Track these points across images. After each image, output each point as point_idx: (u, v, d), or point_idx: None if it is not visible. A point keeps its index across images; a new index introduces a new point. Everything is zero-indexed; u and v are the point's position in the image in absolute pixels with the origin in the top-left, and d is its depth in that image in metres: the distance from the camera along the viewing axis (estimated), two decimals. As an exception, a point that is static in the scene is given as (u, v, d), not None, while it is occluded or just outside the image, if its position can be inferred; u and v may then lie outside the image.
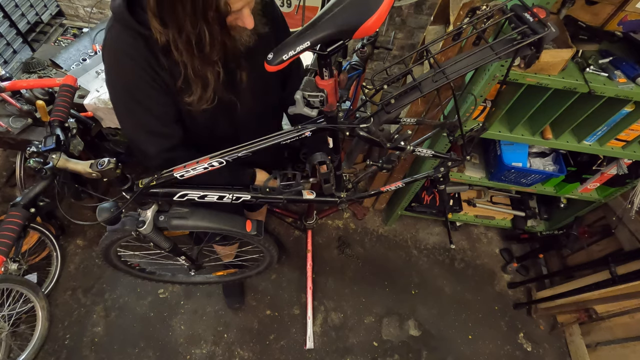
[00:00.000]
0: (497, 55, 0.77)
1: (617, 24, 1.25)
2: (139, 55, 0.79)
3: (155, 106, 0.87)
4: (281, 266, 2.14)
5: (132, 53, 0.79)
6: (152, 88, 0.83)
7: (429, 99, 1.59)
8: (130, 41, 0.78)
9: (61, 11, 2.23)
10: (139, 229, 1.05)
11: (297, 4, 1.91)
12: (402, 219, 2.40)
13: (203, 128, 0.99)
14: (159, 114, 0.89)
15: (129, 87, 0.84)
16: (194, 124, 0.97)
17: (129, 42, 0.78)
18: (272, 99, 1.09)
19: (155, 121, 0.89)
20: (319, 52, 0.68)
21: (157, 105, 0.87)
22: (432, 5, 2.12)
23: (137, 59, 0.79)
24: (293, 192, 1.09)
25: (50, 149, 0.91)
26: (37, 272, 1.93)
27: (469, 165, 1.89)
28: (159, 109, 0.88)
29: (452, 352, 1.96)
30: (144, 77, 0.81)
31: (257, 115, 1.05)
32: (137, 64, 0.79)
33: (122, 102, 0.88)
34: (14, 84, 1.53)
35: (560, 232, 2.01)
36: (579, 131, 1.50)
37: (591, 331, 1.90)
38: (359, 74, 1.72)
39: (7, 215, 0.90)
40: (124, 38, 0.78)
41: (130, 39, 0.78)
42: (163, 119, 0.90)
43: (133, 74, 0.81)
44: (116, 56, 0.81)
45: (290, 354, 1.88)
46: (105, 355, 1.80)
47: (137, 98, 0.85)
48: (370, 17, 0.61)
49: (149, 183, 0.95)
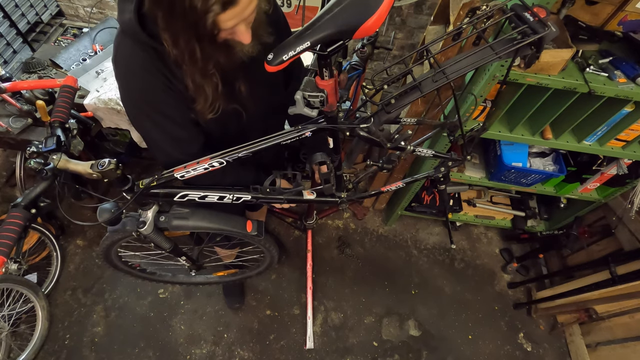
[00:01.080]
0: (497, 55, 0.77)
1: (617, 24, 1.25)
2: (154, 68, 0.80)
3: (177, 114, 0.88)
4: (281, 266, 2.14)
5: (147, 66, 0.79)
6: (171, 97, 0.84)
7: (429, 99, 1.59)
8: (143, 55, 0.78)
9: (61, 11, 2.23)
10: (140, 230, 1.05)
11: (297, 4, 1.92)
12: (402, 219, 2.41)
13: (215, 131, 1.00)
14: (181, 121, 0.90)
15: (149, 100, 0.85)
16: (207, 129, 0.98)
17: (142, 56, 0.79)
18: (278, 99, 1.10)
19: (179, 128, 0.91)
20: (319, 52, 0.68)
21: (178, 112, 0.88)
22: (432, 5, 2.12)
23: (152, 71, 0.80)
24: (293, 193, 1.09)
25: (50, 149, 0.91)
26: (37, 272, 1.93)
27: (469, 165, 1.89)
28: (180, 116, 0.89)
29: (452, 352, 1.96)
30: (162, 88, 0.82)
31: (264, 117, 1.06)
32: (153, 76, 0.80)
33: (144, 116, 0.89)
34: (14, 85, 1.53)
35: (560, 232, 2.01)
36: (579, 131, 1.50)
37: (591, 331, 1.90)
38: (359, 74, 1.72)
39: (8, 216, 0.90)
40: (137, 53, 0.79)
41: (143, 52, 0.78)
42: (186, 125, 0.92)
43: (152, 86, 0.82)
44: (133, 72, 0.82)
45: (290, 354, 1.88)
46: (105, 355, 1.80)
47: (159, 109, 0.86)
48: (370, 17, 0.61)
49: (149, 183, 0.95)
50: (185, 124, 0.92)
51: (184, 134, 0.93)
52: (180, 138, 0.93)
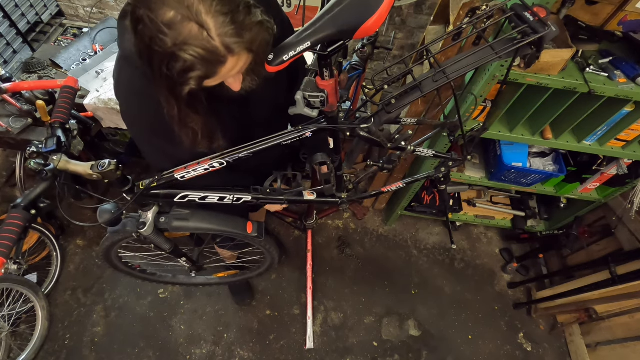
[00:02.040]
0: (497, 55, 0.77)
1: (617, 24, 1.25)
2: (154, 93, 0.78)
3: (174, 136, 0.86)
4: (281, 266, 2.14)
5: (148, 92, 0.78)
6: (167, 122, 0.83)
7: (429, 99, 1.59)
8: (144, 81, 0.77)
9: (61, 11, 2.22)
10: (140, 231, 1.05)
11: (297, 4, 1.92)
12: (402, 219, 2.41)
13: None
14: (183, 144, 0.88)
15: (151, 124, 0.84)
16: None
17: (143, 83, 0.77)
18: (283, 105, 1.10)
19: (181, 151, 0.90)
20: (319, 52, 0.68)
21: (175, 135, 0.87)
22: (432, 5, 2.12)
23: (153, 96, 0.78)
24: (294, 193, 1.09)
25: (51, 150, 0.91)
26: (37, 272, 1.93)
27: (469, 165, 1.89)
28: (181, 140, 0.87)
29: (452, 352, 1.96)
30: (163, 113, 0.80)
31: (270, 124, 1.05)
32: (154, 101, 0.78)
33: (147, 140, 0.89)
34: (15, 86, 1.53)
35: (560, 232, 2.01)
36: (579, 131, 1.50)
37: (591, 331, 1.90)
38: (359, 74, 1.72)
39: (8, 217, 0.90)
40: (138, 79, 0.78)
41: (144, 78, 0.76)
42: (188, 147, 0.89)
43: (154, 111, 0.80)
44: (136, 98, 0.82)
45: (290, 354, 1.88)
46: (105, 355, 1.80)
47: (161, 134, 0.85)
48: (370, 17, 0.61)
49: (149, 184, 0.95)
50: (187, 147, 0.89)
51: (186, 155, 0.93)
52: (184, 160, 0.94)
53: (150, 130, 0.87)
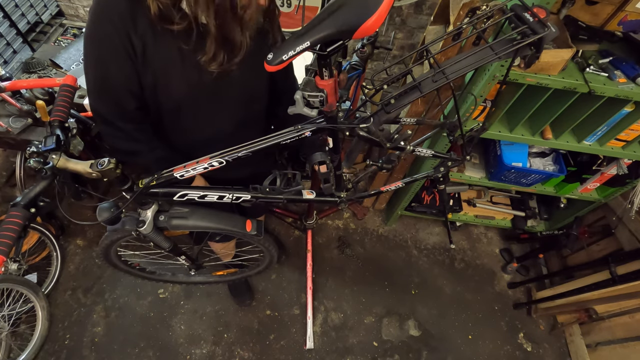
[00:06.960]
0: (497, 55, 0.76)
1: (617, 24, 1.25)
2: (119, 18, 0.79)
3: (116, 69, 0.86)
4: (281, 266, 2.14)
5: (112, 14, 0.79)
6: (118, 52, 0.83)
7: (428, 99, 1.59)
8: (126, 3, 0.78)
9: (61, 11, 2.23)
10: (139, 229, 1.05)
11: (297, 4, 1.91)
12: (402, 219, 2.41)
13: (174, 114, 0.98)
14: (118, 77, 0.88)
15: (99, 41, 0.83)
16: (168, 108, 0.96)
17: (124, 4, 0.78)
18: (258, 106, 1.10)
19: (112, 81, 0.88)
20: (318, 52, 0.68)
21: (118, 68, 0.86)
22: (432, 5, 2.12)
23: (115, 20, 0.79)
24: (293, 192, 1.09)
25: (50, 149, 0.91)
26: (37, 272, 1.93)
27: (469, 165, 1.89)
28: (119, 72, 0.87)
29: (452, 352, 1.96)
30: (114, 40, 0.81)
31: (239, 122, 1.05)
32: (113, 26, 0.79)
33: (89, 53, 0.87)
34: (14, 84, 1.53)
35: (560, 232, 2.01)
36: (579, 131, 1.50)
37: (591, 331, 1.90)
38: (358, 74, 1.72)
39: (7, 215, 0.90)
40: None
41: (126, 1, 0.77)
42: (122, 83, 0.89)
43: (106, 33, 0.81)
44: (98, 11, 0.81)
45: (290, 354, 1.88)
46: (105, 355, 1.80)
47: (102, 55, 0.85)
48: (370, 17, 0.61)
49: (149, 183, 0.95)
50: (121, 82, 0.89)
51: (114, 90, 0.90)
52: (108, 90, 0.90)
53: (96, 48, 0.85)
